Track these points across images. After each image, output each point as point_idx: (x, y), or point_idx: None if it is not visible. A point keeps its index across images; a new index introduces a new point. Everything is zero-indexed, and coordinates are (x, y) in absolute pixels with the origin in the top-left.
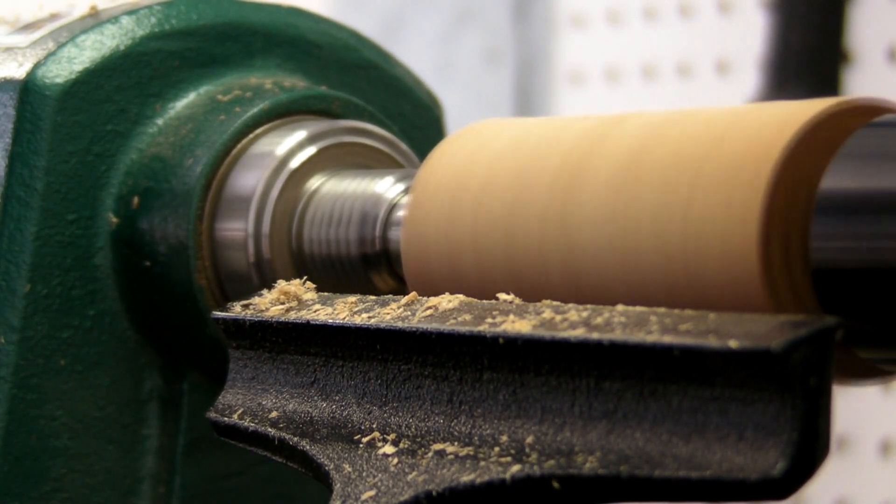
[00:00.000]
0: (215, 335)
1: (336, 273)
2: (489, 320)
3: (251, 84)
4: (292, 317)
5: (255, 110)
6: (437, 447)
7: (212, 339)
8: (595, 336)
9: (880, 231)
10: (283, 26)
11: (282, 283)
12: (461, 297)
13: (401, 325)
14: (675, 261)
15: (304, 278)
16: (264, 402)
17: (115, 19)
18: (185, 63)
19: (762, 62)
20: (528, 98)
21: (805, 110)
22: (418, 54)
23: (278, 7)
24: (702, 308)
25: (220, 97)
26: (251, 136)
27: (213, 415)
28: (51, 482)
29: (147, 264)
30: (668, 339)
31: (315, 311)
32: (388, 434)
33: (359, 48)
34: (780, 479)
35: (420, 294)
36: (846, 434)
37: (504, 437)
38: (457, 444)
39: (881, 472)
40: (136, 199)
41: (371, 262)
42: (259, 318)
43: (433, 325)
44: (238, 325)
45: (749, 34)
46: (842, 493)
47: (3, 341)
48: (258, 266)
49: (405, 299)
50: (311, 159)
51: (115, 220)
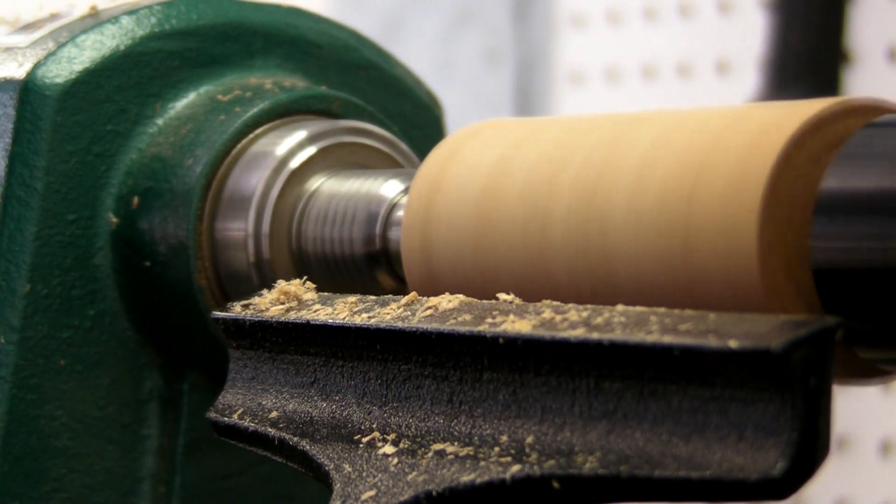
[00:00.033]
0: (215, 335)
1: (336, 273)
2: (489, 320)
3: (251, 84)
4: (292, 317)
5: (255, 110)
6: (437, 447)
7: (212, 339)
8: (595, 336)
9: (880, 231)
10: (283, 26)
11: (282, 283)
12: (461, 297)
13: (401, 325)
14: (676, 260)
15: (304, 278)
16: (264, 402)
17: (115, 19)
18: (185, 63)
19: (762, 62)
20: (528, 98)
21: (805, 110)
22: (418, 54)
23: (278, 7)
24: (702, 308)
25: (220, 97)
26: (251, 136)
27: (213, 415)
28: (51, 482)
29: (147, 264)
30: (668, 339)
31: (315, 311)
32: (388, 434)
33: (359, 48)
34: (780, 479)
35: (420, 294)
36: (846, 434)
37: (504, 437)
38: (457, 444)
39: (881, 472)
40: (136, 199)
41: (371, 262)
42: (259, 318)
43: (433, 325)
44: (238, 325)
45: (749, 34)
46: (842, 493)
47: (3, 341)
48: (258, 266)
49: (405, 299)
50: (311, 159)
51: (115, 220)
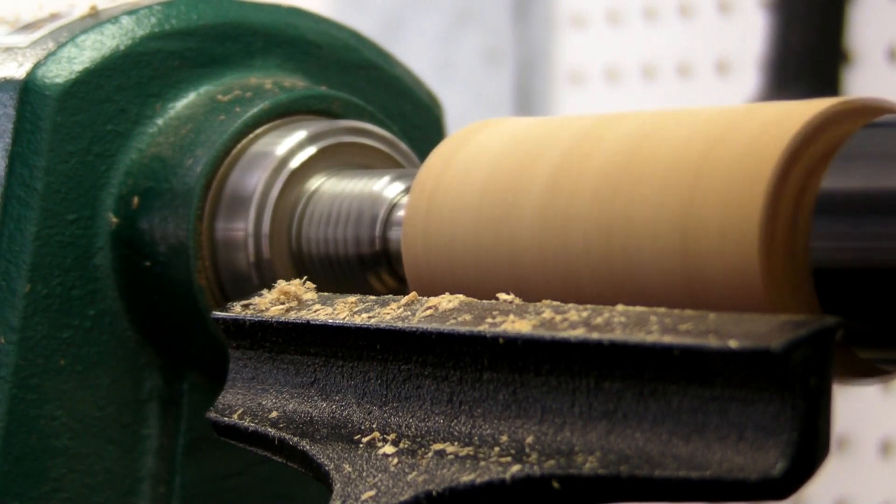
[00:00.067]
0: (215, 335)
1: (336, 273)
2: (489, 320)
3: (251, 84)
4: (292, 317)
5: (255, 110)
6: (437, 447)
7: (212, 339)
8: (595, 336)
9: (880, 231)
10: (283, 26)
11: (282, 283)
12: (461, 297)
13: (401, 325)
14: (676, 261)
15: (304, 278)
16: (264, 402)
17: (115, 19)
18: (185, 63)
19: (762, 62)
20: (528, 98)
21: (805, 110)
22: (418, 54)
23: (278, 7)
24: (702, 308)
25: (220, 97)
26: (251, 136)
27: (213, 415)
28: (51, 482)
29: (147, 264)
30: (668, 339)
31: (315, 311)
32: (388, 434)
33: (359, 48)
34: (780, 479)
35: (420, 294)
36: (846, 434)
37: (504, 437)
38: (457, 444)
39: (881, 472)
40: (136, 199)
41: (371, 262)
42: (259, 318)
43: (433, 325)
44: (238, 325)
45: (749, 34)
46: (842, 493)
47: (3, 341)
48: (258, 266)
49: (405, 299)
50: (311, 159)
51: (115, 220)
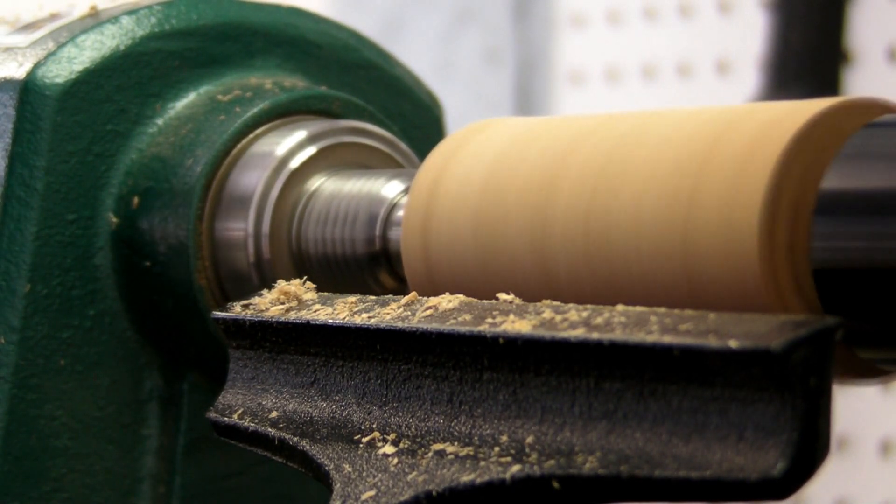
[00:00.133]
0: (215, 335)
1: (336, 273)
2: (489, 320)
3: (251, 84)
4: (292, 317)
5: (255, 110)
6: (437, 447)
7: (212, 339)
8: (595, 336)
9: (880, 231)
10: (283, 26)
11: (282, 283)
12: (461, 297)
13: (401, 325)
14: (676, 260)
15: (304, 278)
16: (264, 402)
17: (115, 19)
18: (185, 63)
19: (762, 62)
20: (528, 98)
21: (805, 110)
22: (418, 54)
23: (278, 7)
24: (702, 308)
25: (220, 97)
26: (251, 136)
27: (213, 415)
28: (51, 482)
29: (147, 264)
30: (668, 339)
31: (315, 311)
32: (388, 434)
33: (359, 48)
34: (780, 479)
35: (420, 294)
36: (846, 434)
37: (504, 437)
38: (457, 444)
39: (881, 472)
40: (136, 199)
41: (371, 262)
42: (259, 318)
43: (433, 325)
44: (238, 325)
45: (749, 34)
46: (842, 493)
47: (3, 341)
48: (258, 266)
49: (405, 299)
50: (311, 159)
51: (115, 220)
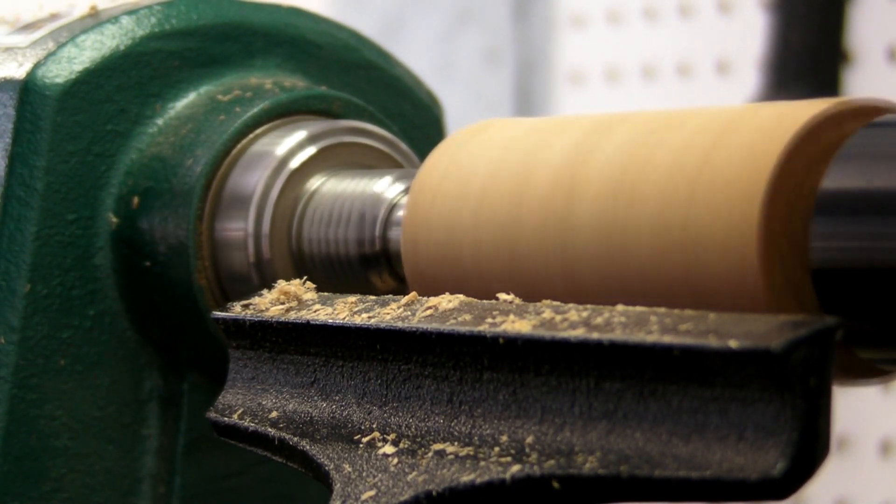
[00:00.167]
0: (215, 335)
1: (336, 273)
2: (489, 320)
3: (251, 84)
4: (292, 317)
5: (255, 110)
6: (437, 447)
7: (212, 339)
8: (595, 336)
9: (880, 231)
10: (283, 26)
11: (282, 283)
12: (461, 297)
13: (401, 325)
14: (676, 261)
15: (304, 278)
16: (264, 402)
17: (115, 19)
18: (185, 63)
19: (762, 62)
20: (528, 98)
21: (805, 110)
22: (418, 54)
23: (278, 7)
24: (702, 308)
25: (220, 97)
26: (251, 136)
27: (213, 415)
28: (51, 482)
29: (147, 264)
30: (668, 339)
31: (315, 311)
32: (388, 434)
33: (359, 48)
34: (780, 479)
35: (420, 294)
36: (846, 434)
37: (504, 437)
38: (457, 444)
39: (881, 472)
40: (136, 199)
41: (371, 262)
42: (259, 318)
43: (433, 325)
44: (238, 325)
45: (749, 34)
46: (842, 493)
47: (3, 341)
48: (258, 266)
49: (405, 299)
50: (311, 159)
51: (115, 220)
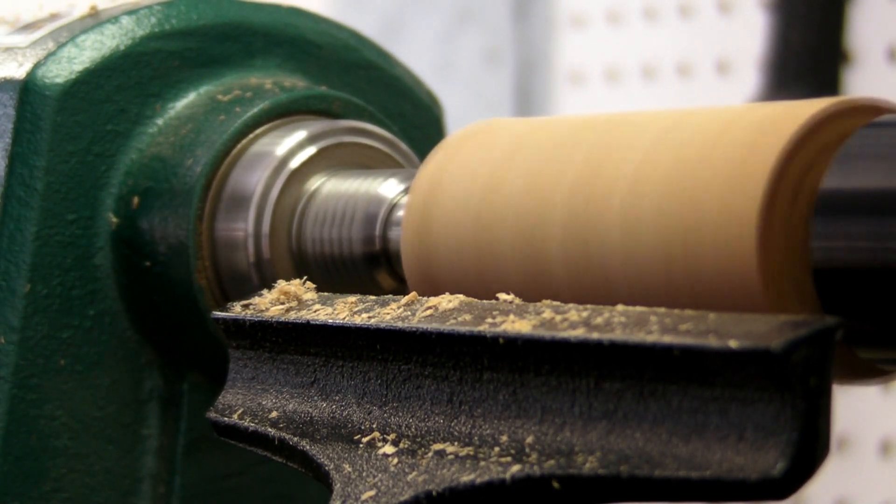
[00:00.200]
0: (215, 335)
1: (336, 273)
2: (489, 320)
3: (251, 84)
4: (292, 317)
5: (255, 110)
6: (437, 447)
7: (212, 339)
8: (595, 336)
9: (880, 231)
10: (283, 26)
11: (282, 283)
12: (461, 297)
13: (401, 325)
14: (676, 261)
15: (304, 278)
16: (264, 402)
17: (115, 19)
18: (185, 63)
19: (762, 62)
20: (528, 98)
21: (805, 110)
22: (418, 54)
23: (278, 7)
24: (702, 308)
25: (220, 97)
26: (251, 136)
27: (213, 415)
28: (51, 482)
29: (147, 264)
30: (668, 339)
31: (315, 311)
32: (388, 434)
33: (359, 48)
34: (780, 479)
35: (420, 294)
36: (846, 434)
37: (504, 437)
38: (457, 444)
39: (881, 472)
40: (136, 199)
41: (371, 262)
42: (259, 318)
43: (433, 325)
44: (238, 325)
45: (749, 34)
46: (842, 493)
47: (3, 341)
48: (258, 266)
49: (405, 299)
50: (311, 159)
51: (115, 220)
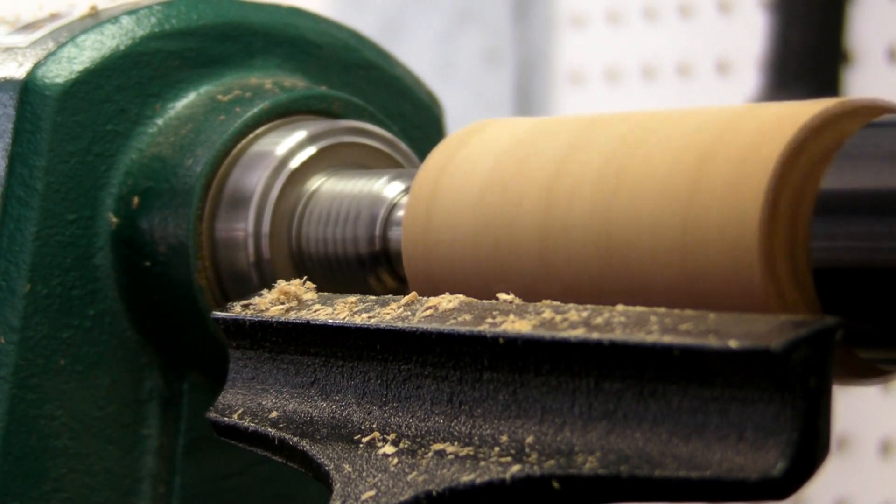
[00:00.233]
0: (215, 335)
1: (336, 273)
2: (489, 320)
3: (251, 84)
4: (292, 317)
5: (255, 110)
6: (437, 447)
7: (212, 339)
8: (595, 336)
9: (880, 231)
10: (283, 26)
11: (282, 283)
12: (461, 297)
13: (401, 325)
14: (676, 260)
15: (304, 278)
16: (264, 402)
17: (115, 19)
18: (185, 63)
19: (762, 62)
20: (528, 98)
21: (805, 110)
22: (418, 54)
23: (278, 7)
24: (702, 308)
25: (220, 97)
26: (251, 136)
27: (213, 415)
28: (51, 482)
29: (147, 264)
30: (668, 339)
31: (315, 311)
32: (388, 434)
33: (359, 48)
34: (780, 479)
35: (420, 294)
36: (846, 434)
37: (504, 437)
38: (457, 444)
39: (881, 472)
40: (136, 199)
41: (371, 262)
42: (259, 318)
43: (433, 325)
44: (238, 325)
45: (749, 34)
46: (842, 493)
47: (3, 341)
48: (258, 266)
49: (405, 299)
50: (311, 159)
51: (115, 220)
